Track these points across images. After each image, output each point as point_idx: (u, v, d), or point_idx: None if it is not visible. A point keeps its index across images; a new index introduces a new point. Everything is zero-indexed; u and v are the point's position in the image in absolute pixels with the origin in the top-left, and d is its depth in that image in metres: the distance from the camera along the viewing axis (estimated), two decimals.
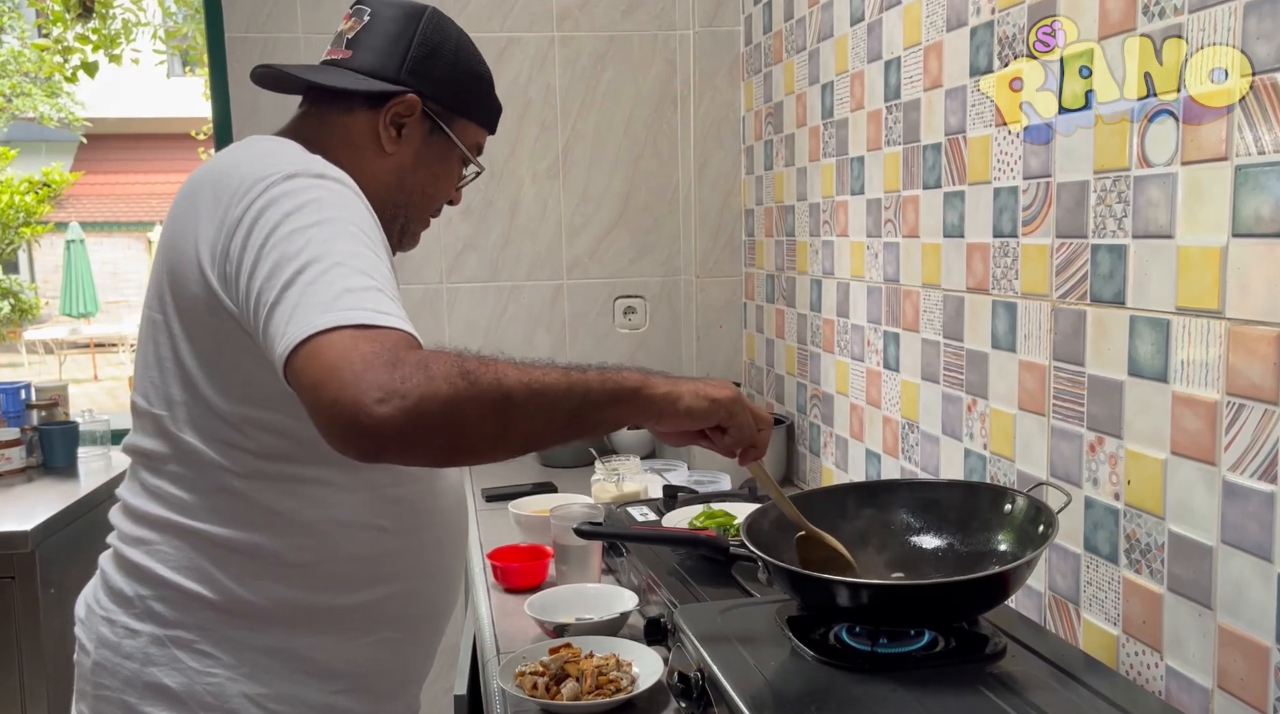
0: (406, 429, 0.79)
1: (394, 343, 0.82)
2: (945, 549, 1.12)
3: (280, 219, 0.90)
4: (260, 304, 0.88)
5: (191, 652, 1.00)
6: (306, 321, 0.82)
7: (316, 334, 0.81)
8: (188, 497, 1.01)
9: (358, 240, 0.90)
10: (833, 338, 1.91)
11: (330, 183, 0.95)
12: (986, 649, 0.97)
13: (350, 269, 0.86)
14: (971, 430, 1.41)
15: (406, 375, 0.79)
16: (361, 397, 0.78)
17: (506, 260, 2.49)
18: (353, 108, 1.11)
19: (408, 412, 0.78)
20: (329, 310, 0.82)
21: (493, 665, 1.29)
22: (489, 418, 0.83)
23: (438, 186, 1.18)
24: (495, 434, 0.85)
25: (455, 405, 0.81)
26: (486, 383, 0.83)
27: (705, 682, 1.00)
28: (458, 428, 0.82)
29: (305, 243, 0.88)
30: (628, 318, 2.55)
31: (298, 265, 0.86)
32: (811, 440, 2.04)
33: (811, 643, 1.01)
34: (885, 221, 1.66)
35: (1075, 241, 1.15)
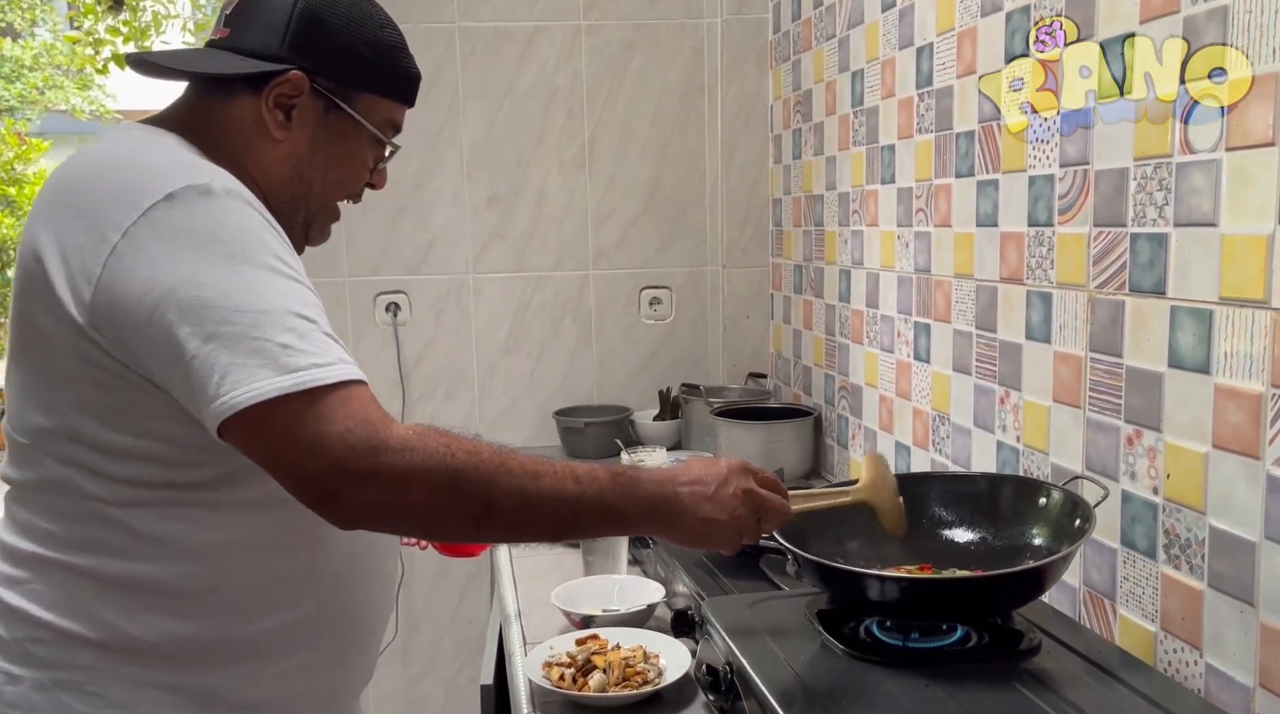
0: (389, 515, 0.83)
1: (366, 417, 0.80)
2: (978, 543, 1.10)
3: (174, 254, 0.82)
4: (171, 356, 0.81)
5: (79, 694, 0.88)
6: (249, 385, 0.78)
7: (268, 401, 0.78)
8: (58, 529, 0.90)
9: (273, 270, 0.83)
10: (862, 329, 1.89)
11: (219, 198, 0.85)
12: (1021, 645, 0.96)
13: (279, 313, 0.81)
14: (1004, 422, 1.39)
15: (392, 464, 0.80)
16: (344, 484, 0.79)
17: (533, 250, 2.48)
18: (233, 92, 0.98)
19: (389, 504, 0.81)
20: (276, 371, 0.79)
21: (519, 656, 1.29)
22: (468, 522, 0.86)
23: (343, 172, 1.05)
24: (472, 532, 0.89)
25: (433, 507, 0.83)
26: (471, 489, 0.84)
27: (734, 675, 0.99)
28: (437, 521, 0.86)
29: (216, 284, 0.81)
30: (654, 309, 2.54)
31: (217, 314, 0.80)
32: (839, 432, 2.02)
33: (841, 637, 1.00)
34: (916, 211, 1.64)
35: (1114, 230, 1.13)
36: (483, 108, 2.42)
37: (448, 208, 2.44)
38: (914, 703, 0.86)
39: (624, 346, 2.53)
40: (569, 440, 2.36)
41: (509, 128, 2.44)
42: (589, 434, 2.32)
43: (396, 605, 2.49)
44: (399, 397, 2.45)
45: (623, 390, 2.53)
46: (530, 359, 2.51)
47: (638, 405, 2.48)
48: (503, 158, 2.44)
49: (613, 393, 2.53)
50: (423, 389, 2.48)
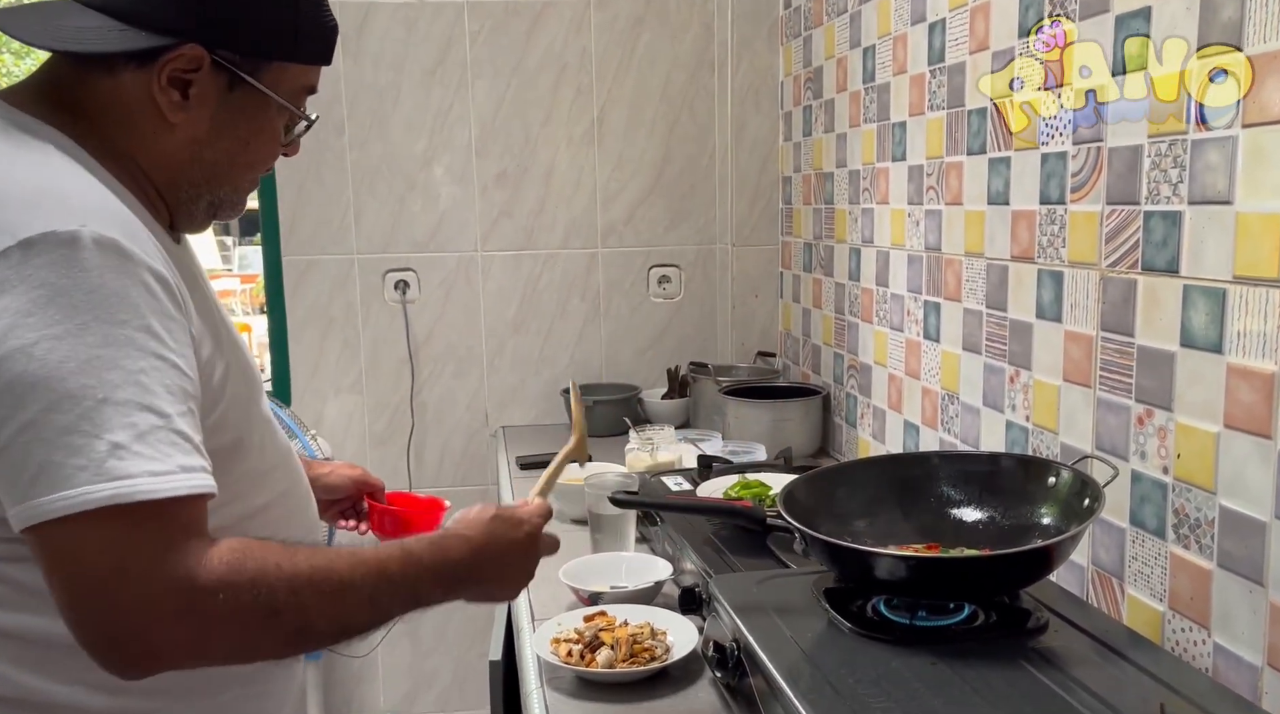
0: (193, 654, 0.73)
1: (186, 546, 0.71)
2: (986, 522, 1.10)
3: (12, 315, 0.68)
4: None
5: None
6: (61, 491, 0.67)
7: (80, 515, 0.67)
8: None
9: (132, 345, 0.71)
10: (871, 307, 1.88)
11: (85, 252, 0.70)
12: (1029, 624, 0.96)
13: (121, 404, 0.69)
14: (1014, 402, 1.38)
15: (204, 606, 0.71)
16: (148, 622, 0.69)
17: (541, 228, 2.47)
18: (114, 68, 0.81)
19: (196, 644, 0.72)
20: (96, 477, 0.67)
21: (527, 632, 1.29)
22: (279, 647, 0.79)
23: (252, 152, 0.89)
24: (281, 654, 0.82)
25: (246, 643, 0.75)
26: (286, 619, 0.75)
27: (741, 652, 1.00)
28: (247, 654, 0.78)
29: (54, 360, 0.68)
30: (662, 287, 2.53)
31: (44, 397, 0.68)
32: (848, 411, 2.02)
33: (849, 615, 1.00)
34: (927, 188, 1.63)
35: (1127, 208, 1.12)
36: (491, 84, 2.41)
37: (456, 185, 2.44)
38: (921, 681, 0.87)
39: (632, 325, 2.53)
40: None
41: (517, 104, 2.42)
42: (597, 412, 2.33)
43: None
44: (408, 375, 2.46)
45: (631, 369, 2.53)
46: (538, 337, 2.51)
47: (646, 384, 2.48)
48: (511, 135, 2.43)
49: (621, 371, 2.53)
50: (431, 367, 2.48)
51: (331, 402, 2.46)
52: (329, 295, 2.42)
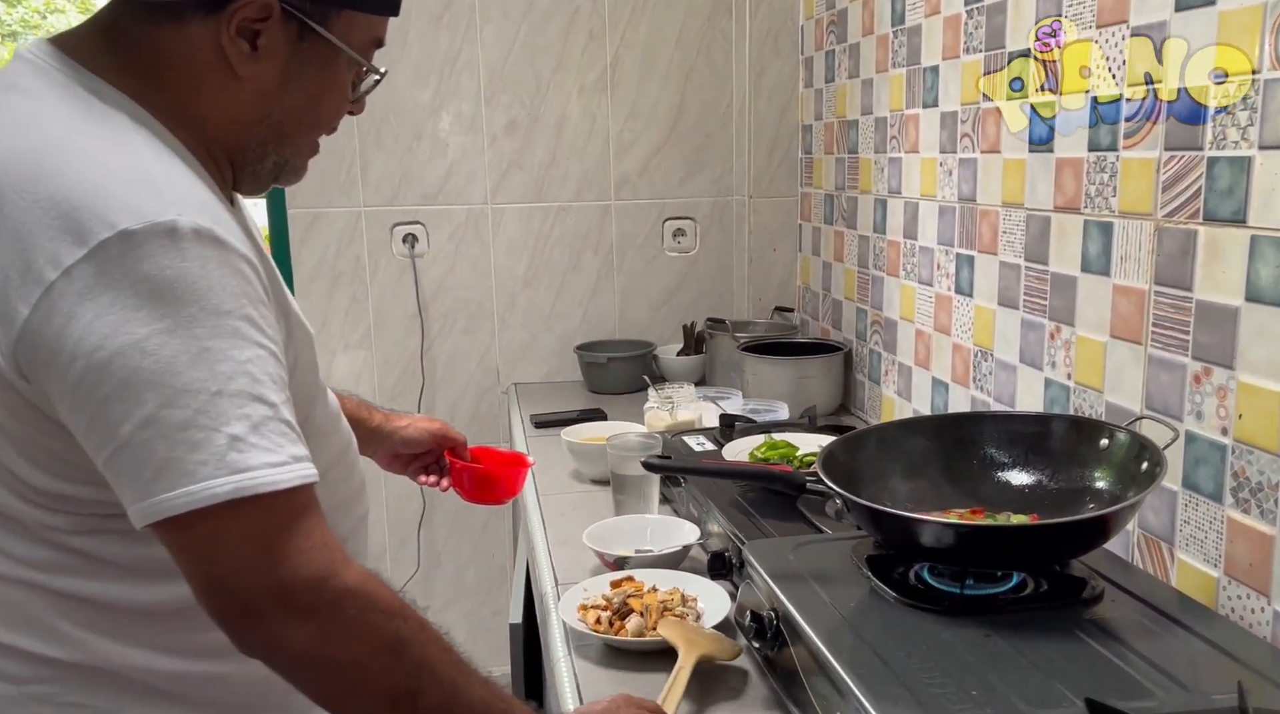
0: (305, 661, 0.72)
1: (325, 542, 0.71)
2: (1034, 486, 1.06)
3: (119, 311, 0.67)
4: (97, 436, 0.69)
5: (58, 706, 0.79)
6: (186, 487, 0.67)
7: (204, 510, 0.67)
8: (14, 547, 0.78)
9: (238, 335, 0.70)
10: (898, 261, 1.82)
11: (185, 245, 0.69)
12: (1084, 593, 0.91)
13: (234, 396, 0.68)
14: (1054, 359, 1.33)
15: (340, 609, 0.70)
16: (275, 611, 0.69)
17: (553, 180, 2.40)
18: (183, 17, 0.77)
19: (313, 651, 0.71)
20: (219, 470, 0.67)
21: (551, 597, 1.25)
22: (386, 701, 0.74)
23: (321, 108, 0.86)
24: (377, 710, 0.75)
25: (361, 670, 0.72)
26: (407, 666, 0.73)
27: (780, 621, 0.96)
28: (354, 686, 0.73)
29: (165, 355, 0.67)
30: (677, 241, 2.46)
31: (160, 394, 0.67)
32: (871, 368, 1.97)
33: (891, 582, 0.96)
34: (962, 136, 1.56)
35: (1188, 154, 1.05)
36: (500, 29, 2.32)
37: (465, 135, 2.36)
38: (975, 654, 0.82)
39: (647, 279, 2.47)
40: (591, 376, 2.32)
41: (527, 51, 2.34)
42: (612, 369, 2.28)
43: (419, 539, 2.49)
44: (417, 330, 2.40)
45: (645, 324, 2.47)
46: (550, 292, 2.45)
47: (661, 340, 2.43)
48: (521, 83, 2.35)
49: (635, 327, 2.47)
50: (441, 323, 2.43)
51: (340, 357, 2.41)
52: (336, 249, 2.35)
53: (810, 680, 0.89)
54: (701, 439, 1.62)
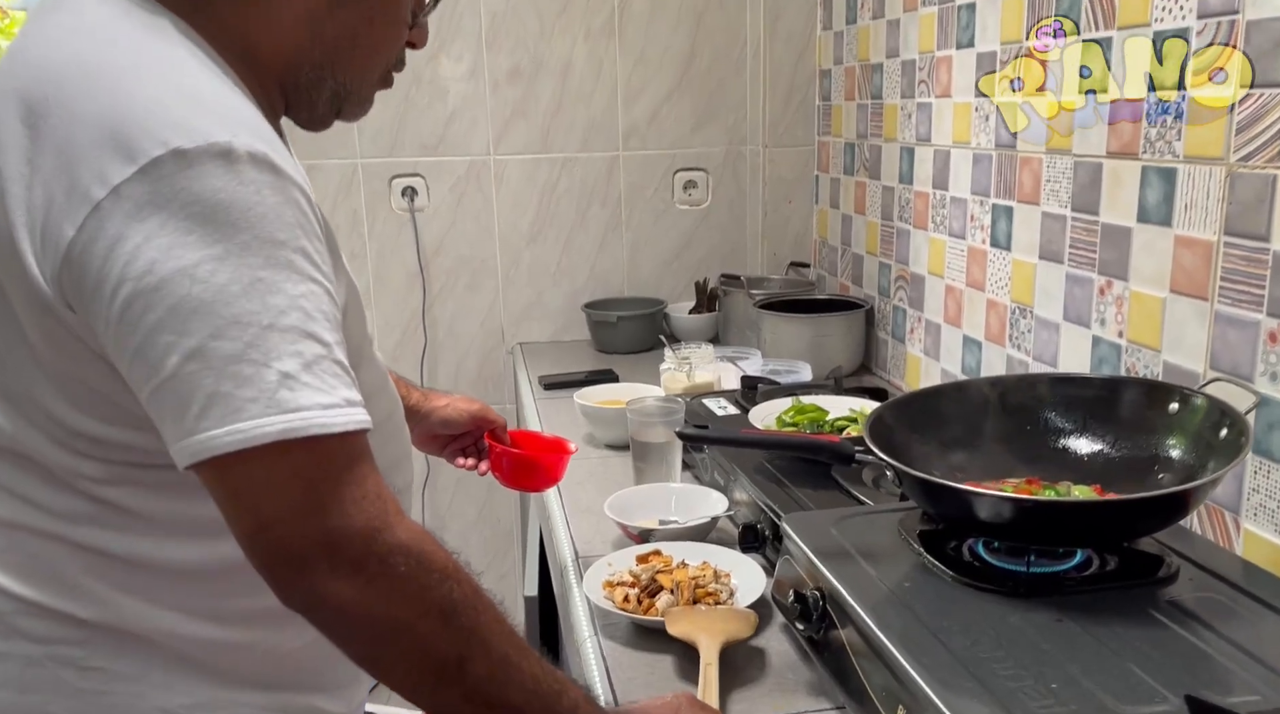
0: (347, 618, 0.66)
1: (379, 493, 0.66)
2: (1095, 455, 0.98)
3: (169, 233, 0.62)
4: (142, 366, 0.64)
5: (78, 670, 0.75)
6: (234, 424, 0.62)
7: (252, 449, 0.62)
8: (42, 496, 0.74)
9: (292, 268, 0.65)
10: (927, 213, 1.73)
11: (241, 168, 0.64)
12: (1160, 572, 0.84)
13: (287, 331, 0.63)
14: (1104, 316, 1.25)
15: (391, 564, 0.65)
16: (321, 563, 0.64)
17: (558, 129, 2.29)
18: None
19: (359, 608, 0.65)
20: (269, 408, 0.62)
21: (572, 572, 1.18)
22: (430, 670, 0.68)
23: (376, 32, 0.81)
24: (422, 682, 0.68)
25: (410, 633, 0.66)
26: (457, 632, 0.67)
27: (826, 601, 0.89)
28: (399, 652, 0.67)
29: (217, 283, 0.62)
30: (688, 193, 2.36)
31: (210, 323, 0.62)
32: (895, 326, 1.88)
33: (946, 559, 0.88)
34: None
35: (1268, 92, 0.96)
36: None
37: (465, 82, 2.25)
38: (1049, 641, 0.75)
39: (657, 234, 2.37)
40: (600, 335, 2.23)
41: None
42: (621, 328, 2.19)
43: (422, 502, 2.42)
44: (418, 289, 2.31)
45: (656, 281, 2.39)
46: (556, 247, 2.35)
47: (672, 297, 2.34)
48: (524, 26, 2.23)
49: (645, 284, 2.38)
50: (443, 280, 2.34)
51: None
52: (332, 203, 2.25)
53: (863, 666, 0.82)
54: (723, 402, 1.55)
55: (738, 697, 0.91)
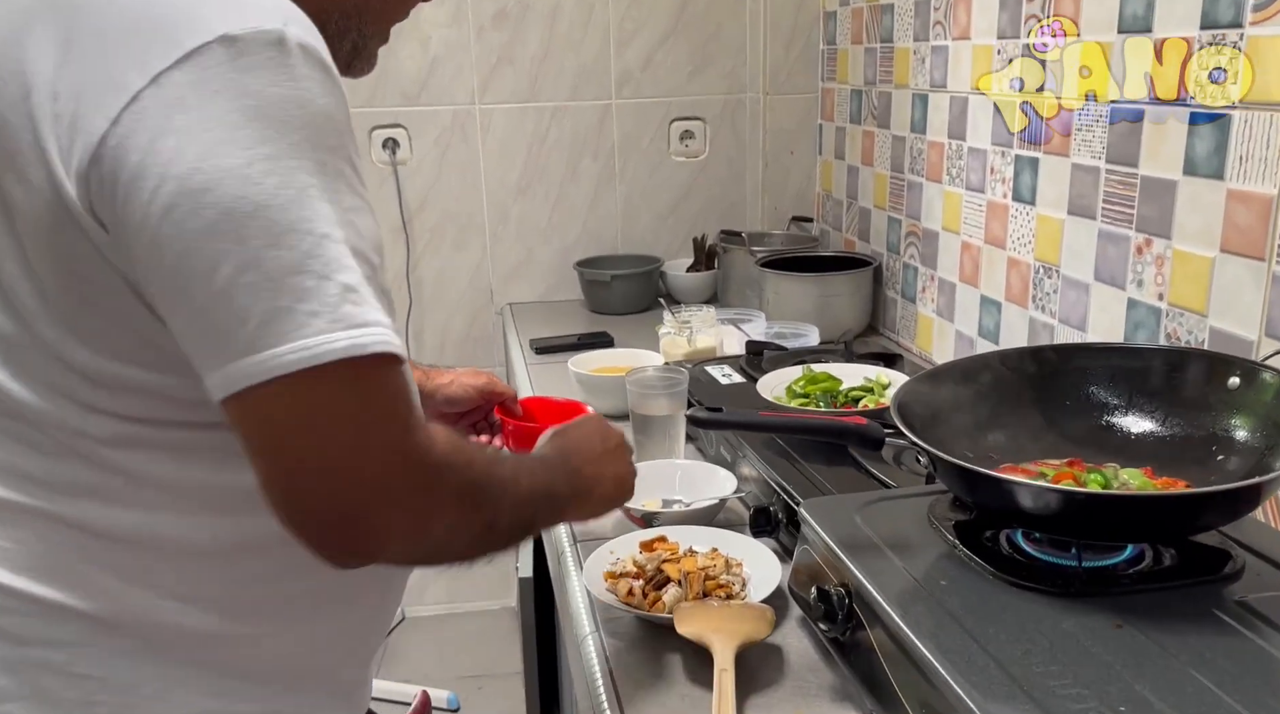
0: (405, 545, 0.64)
1: (419, 415, 0.63)
2: (1145, 434, 0.89)
3: (222, 127, 0.55)
4: (194, 278, 0.56)
5: (63, 677, 0.67)
6: (299, 339, 0.56)
7: (315, 368, 0.56)
8: (33, 466, 0.66)
9: (343, 178, 0.60)
10: (941, 164, 1.62)
11: (294, 59, 0.58)
12: (1225, 568, 0.76)
13: (341, 244, 0.58)
14: (1141, 277, 1.15)
15: (439, 483, 0.63)
16: (376, 501, 0.60)
17: (547, 76, 2.17)
18: None
19: (411, 534, 0.63)
20: (331, 322, 0.57)
21: (570, 556, 1.10)
22: (464, 550, 0.69)
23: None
24: (456, 559, 0.70)
25: (452, 535, 0.66)
26: (485, 509, 0.68)
27: (853, 600, 0.80)
28: (440, 551, 0.69)
29: (273, 184, 0.56)
30: (684, 144, 2.25)
31: (269, 229, 0.56)
32: (905, 284, 1.79)
33: (984, 552, 0.80)
34: (1027, 17, 1.34)
35: None
36: None
37: (448, 27, 2.11)
38: (1110, 651, 0.67)
39: (652, 187, 2.26)
40: (593, 295, 2.13)
41: None
42: (615, 288, 2.09)
43: None
44: (402, 246, 2.20)
45: (651, 237, 2.28)
46: (546, 203, 2.24)
47: (668, 254, 2.24)
48: None
49: (640, 240, 2.27)
50: (428, 238, 2.22)
51: None
52: None
53: (897, 674, 0.74)
54: (727, 370, 1.45)
55: (753, 703, 0.83)
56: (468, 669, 2.25)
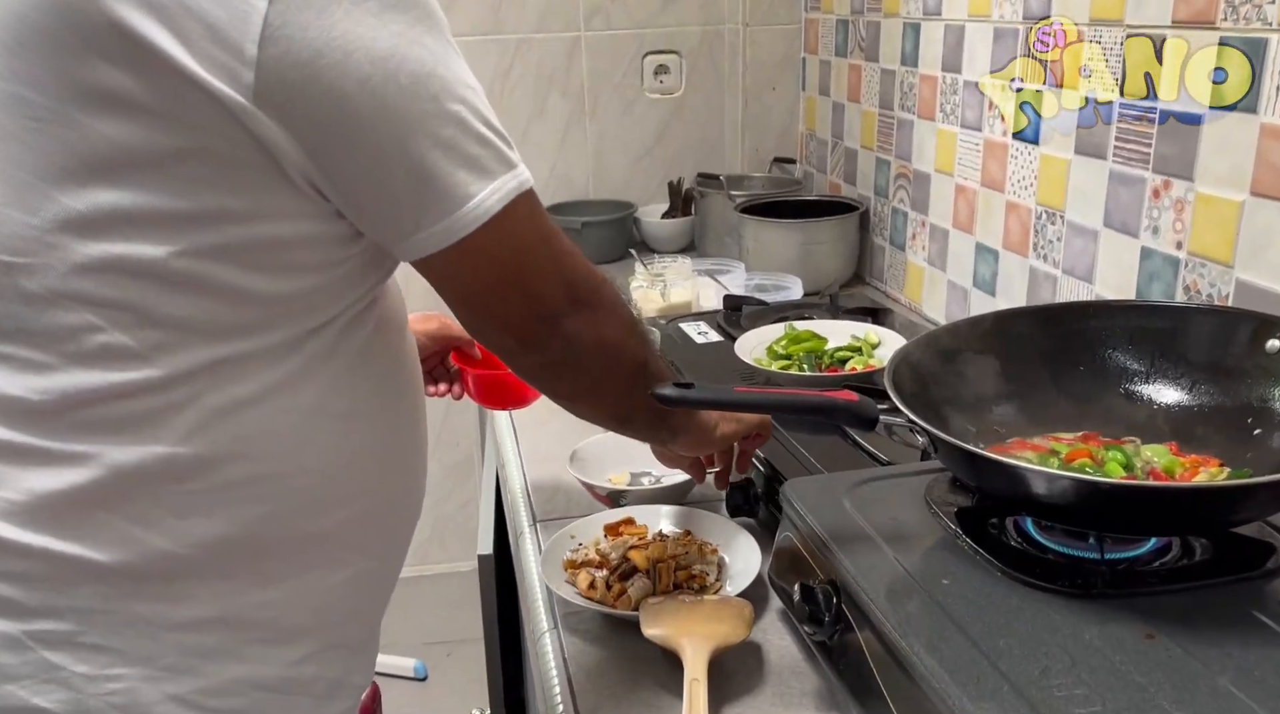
0: (582, 354, 0.71)
1: (571, 248, 0.70)
2: (1170, 406, 0.79)
3: (361, 12, 0.58)
4: (400, 141, 0.60)
5: (72, 649, 0.61)
6: (490, 182, 0.62)
7: (508, 206, 0.63)
8: (37, 396, 0.60)
9: (450, 46, 0.63)
10: (934, 100, 1.50)
11: None
12: (1269, 563, 0.67)
13: (480, 95, 0.64)
14: (1157, 223, 1.04)
15: (602, 290, 0.72)
16: (566, 307, 0.69)
17: (509, 5, 2.01)
18: None
19: (593, 340, 0.71)
20: (499, 163, 0.63)
21: (527, 538, 1.00)
22: (621, 387, 0.76)
23: None
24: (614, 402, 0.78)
25: (619, 349, 0.74)
26: (638, 341, 0.76)
27: (840, 599, 0.71)
28: (606, 374, 0.74)
29: (431, 47, 0.60)
30: (659, 80, 2.10)
31: (448, 88, 0.61)
32: (893, 230, 1.67)
33: (991, 544, 0.70)
34: None
35: None
36: None
37: None
38: (1143, 670, 0.58)
39: (624, 127, 2.12)
40: None
41: None
42: (586, 236, 1.96)
43: None
44: None
45: (624, 181, 2.14)
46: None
47: (642, 199, 2.11)
48: None
49: (612, 185, 2.14)
50: None
51: None
52: None
53: (892, 689, 0.64)
54: (703, 327, 1.34)
55: (729, 711, 0.74)
56: (436, 635, 2.17)
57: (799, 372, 1.14)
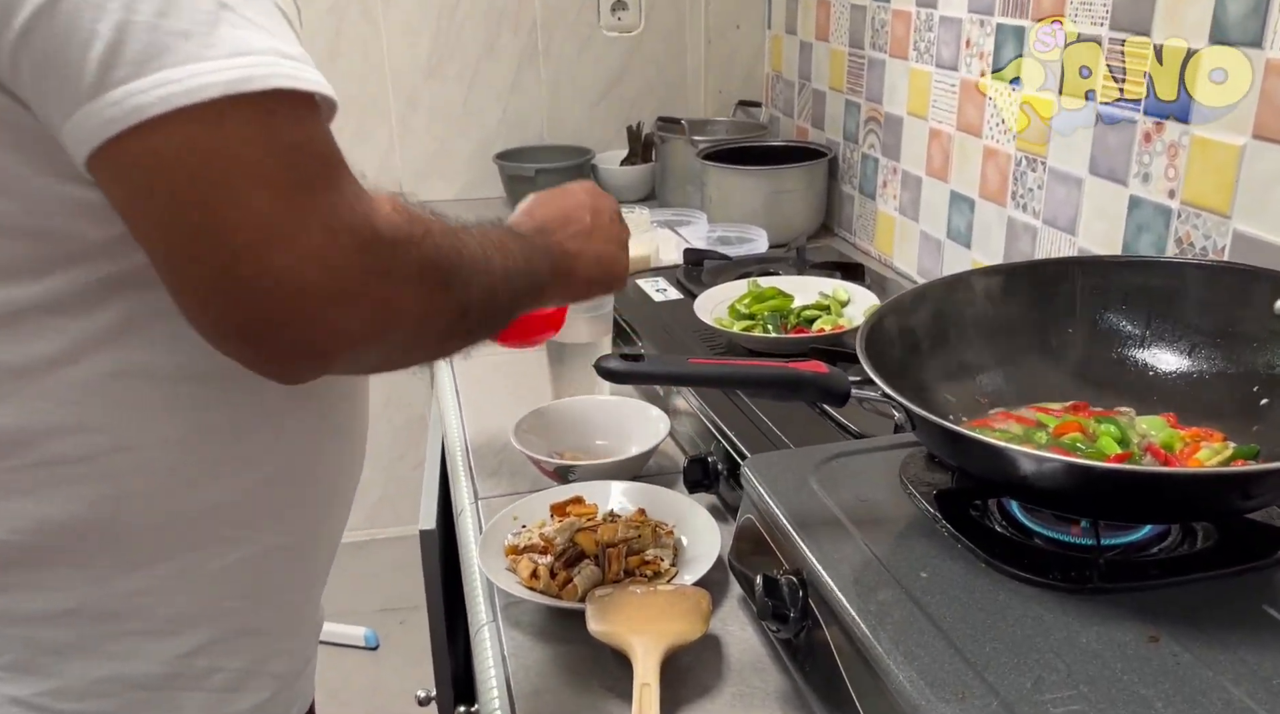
0: (366, 347, 0.51)
1: (351, 177, 0.50)
2: (1167, 372, 0.72)
3: None
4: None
5: None
6: (162, 72, 0.43)
7: (195, 108, 0.43)
8: None
9: None
10: (907, 38, 1.40)
11: None
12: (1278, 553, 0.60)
13: None
14: (1147, 170, 0.97)
15: (391, 270, 0.50)
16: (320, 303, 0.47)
17: None
18: None
19: (372, 332, 0.50)
20: (204, 48, 0.44)
21: (468, 516, 0.92)
22: (437, 341, 0.58)
23: None
24: (428, 353, 0.60)
25: (420, 324, 0.53)
26: (456, 290, 0.56)
27: (808, 595, 0.63)
28: (410, 345, 0.56)
29: None
30: (617, 17, 1.98)
31: None
32: (863, 178, 1.59)
33: (973, 530, 0.63)
34: None
35: None
36: None
37: None
38: (1147, 681, 0.51)
39: (580, 68, 1.99)
40: (516, 191, 1.89)
41: None
42: (540, 183, 1.85)
43: None
44: None
45: (580, 126, 2.03)
46: (461, 85, 1.97)
47: (599, 145, 1.99)
48: None
49: (568, 130, 2.02)
50: None
51: None
52: None
53: (863, 695, 0.57)
54: (662, 283, 1.25)
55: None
56: (388, 602, 2.09)
57: (763, 333, 1.06)
